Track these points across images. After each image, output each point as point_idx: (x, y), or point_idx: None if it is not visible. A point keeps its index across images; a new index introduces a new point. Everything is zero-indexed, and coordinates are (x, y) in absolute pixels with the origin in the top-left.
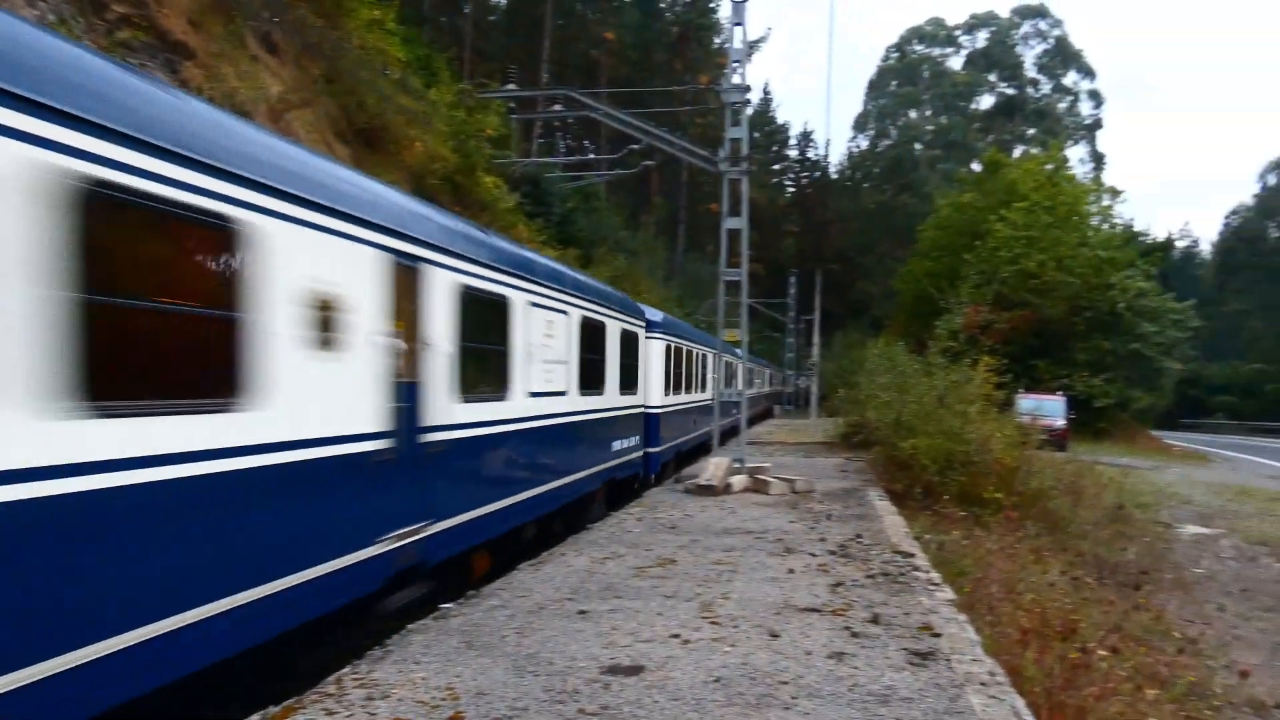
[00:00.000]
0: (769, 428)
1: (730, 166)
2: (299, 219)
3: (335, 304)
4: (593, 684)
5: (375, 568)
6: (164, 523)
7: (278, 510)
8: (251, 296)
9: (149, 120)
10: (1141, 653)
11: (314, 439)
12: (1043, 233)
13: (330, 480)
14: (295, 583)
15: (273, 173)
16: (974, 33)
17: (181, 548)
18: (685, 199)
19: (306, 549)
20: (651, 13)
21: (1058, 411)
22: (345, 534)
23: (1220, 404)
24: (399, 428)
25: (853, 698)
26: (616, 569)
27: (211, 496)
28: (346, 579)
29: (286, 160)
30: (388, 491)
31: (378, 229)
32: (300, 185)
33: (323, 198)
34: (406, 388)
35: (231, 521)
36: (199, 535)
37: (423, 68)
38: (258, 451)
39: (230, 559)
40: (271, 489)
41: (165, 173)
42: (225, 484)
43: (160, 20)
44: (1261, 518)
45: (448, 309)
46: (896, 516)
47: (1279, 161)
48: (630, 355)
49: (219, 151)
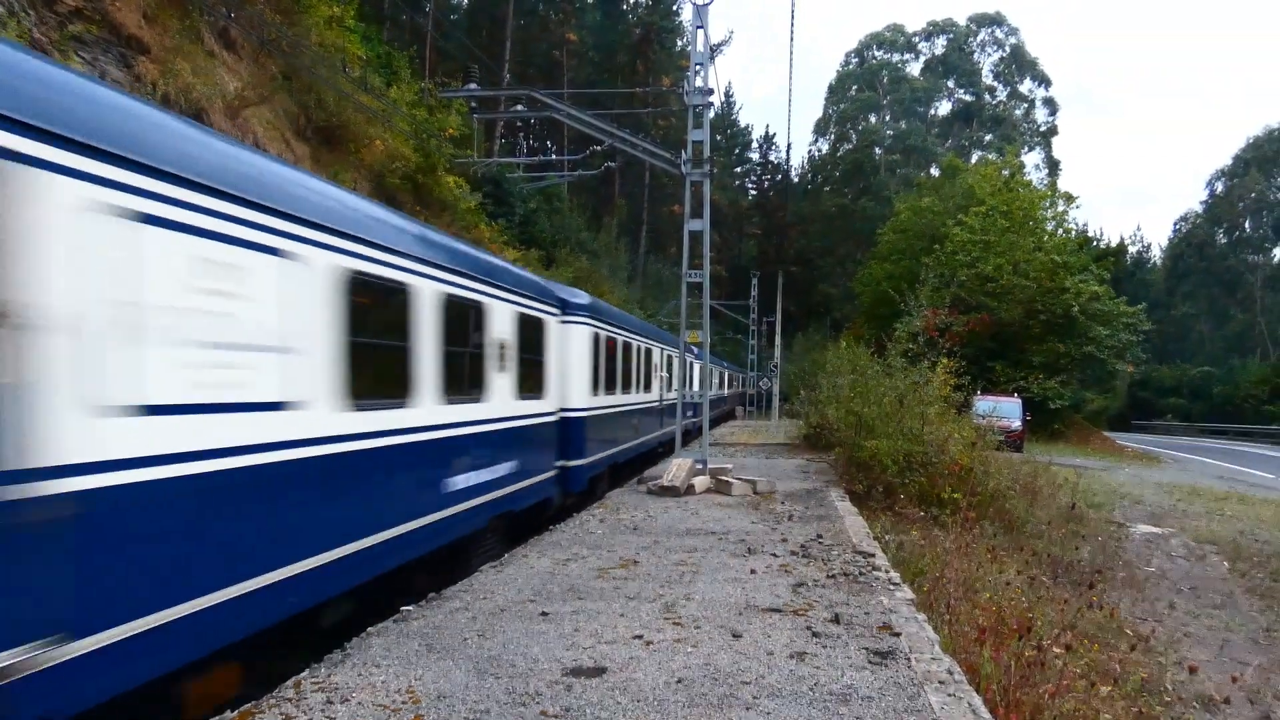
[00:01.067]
0: (731, 429)
1: (692, 169)
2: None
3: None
4: (555, 686)
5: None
6: (388, 467)
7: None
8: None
9: (389, 235)
10: (1095, 650)
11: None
12: (999, 237)
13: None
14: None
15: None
16: (932, 39)
17: (400, 480)
18: (647, 200)
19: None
20: (613, 14)
21: (1014, 413)
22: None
23: (1170, 405)
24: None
25: (814, 697)
26: (579, 570)
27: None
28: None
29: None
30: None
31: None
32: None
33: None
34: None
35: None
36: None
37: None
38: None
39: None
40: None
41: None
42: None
43: (113, 14)
44: (1210, 517)
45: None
46: (857, 517)
47: (1227, 169)
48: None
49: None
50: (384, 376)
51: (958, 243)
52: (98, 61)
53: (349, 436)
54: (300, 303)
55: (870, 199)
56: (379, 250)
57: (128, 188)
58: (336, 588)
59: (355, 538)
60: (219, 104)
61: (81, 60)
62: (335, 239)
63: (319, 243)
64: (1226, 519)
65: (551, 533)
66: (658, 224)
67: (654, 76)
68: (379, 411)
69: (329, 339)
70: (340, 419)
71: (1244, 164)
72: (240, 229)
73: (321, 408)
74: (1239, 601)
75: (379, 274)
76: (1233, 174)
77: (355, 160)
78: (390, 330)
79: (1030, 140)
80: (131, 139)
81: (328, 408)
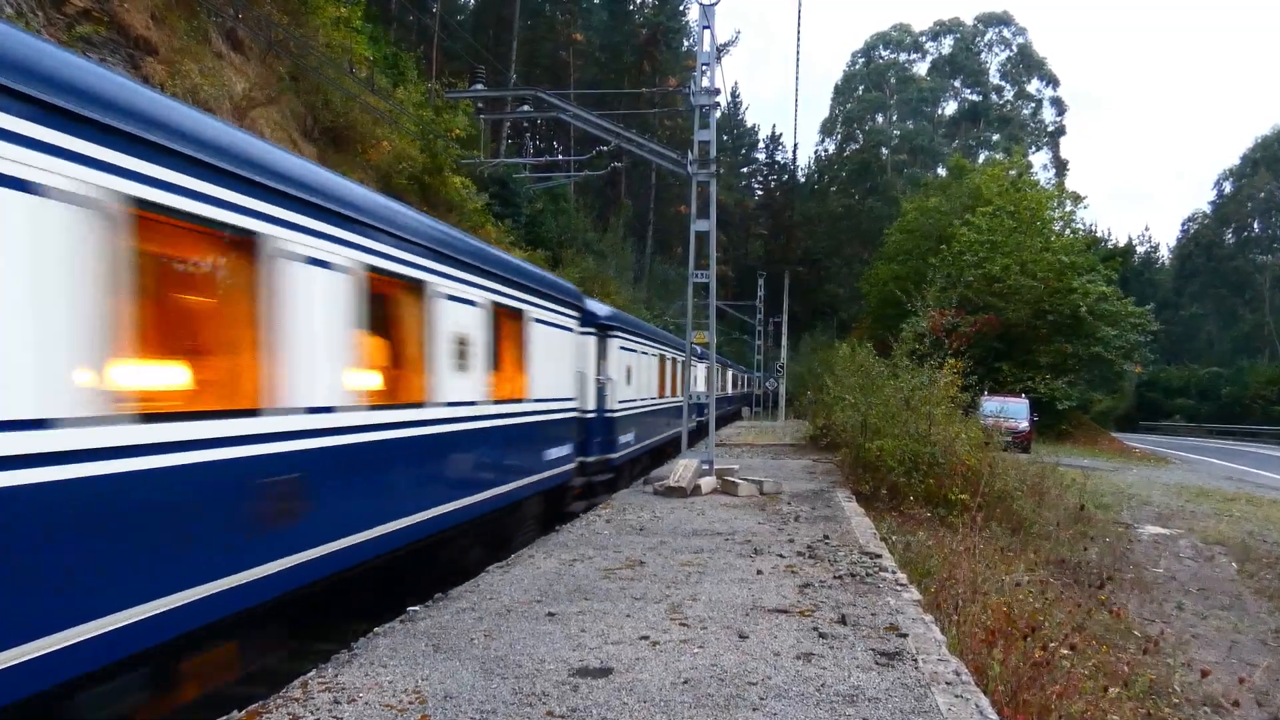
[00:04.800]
0: (737, 429)
1: (698, 169)
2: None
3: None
4: (561, 686)
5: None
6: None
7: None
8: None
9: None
10: (1103, 651)
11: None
12: (1006, 237)
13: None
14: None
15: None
16: (939, 39)
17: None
18: (653, 201)
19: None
20: (619, 15)
21: (1021, 414)
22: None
23: (1178, 406)
24: None
25: (820, 698)
26: (585, 571)
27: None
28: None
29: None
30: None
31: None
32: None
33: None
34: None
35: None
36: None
37: (390, 67)
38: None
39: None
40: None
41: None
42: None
43: (122, 15)
44: (1218, 518)
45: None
46: (863, 518)
47: (1235, 169)
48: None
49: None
50: (511, 383)
51: (964, 243)
52: (106, 62)
53: (497, 415)
54: (480, 333)
55: (877, 199)
56: (545, 310)
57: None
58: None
59: (503, 482)
60: (227, 105)
61: (90, 61)
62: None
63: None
64: (1235, 520)
65: (558, 533)
66: (664, 224)
67: (660, 77)
68: (507, 404)
69: (491, 360)
70: (491, 408)
71: (1252, 164)
72: (406, 270)
73: (483, 402)
74: (1248, 603)
75: (546, 319)
76: (1241, 174)
77: (362, 161)
78: (515, 347)
79: (1038, 140)
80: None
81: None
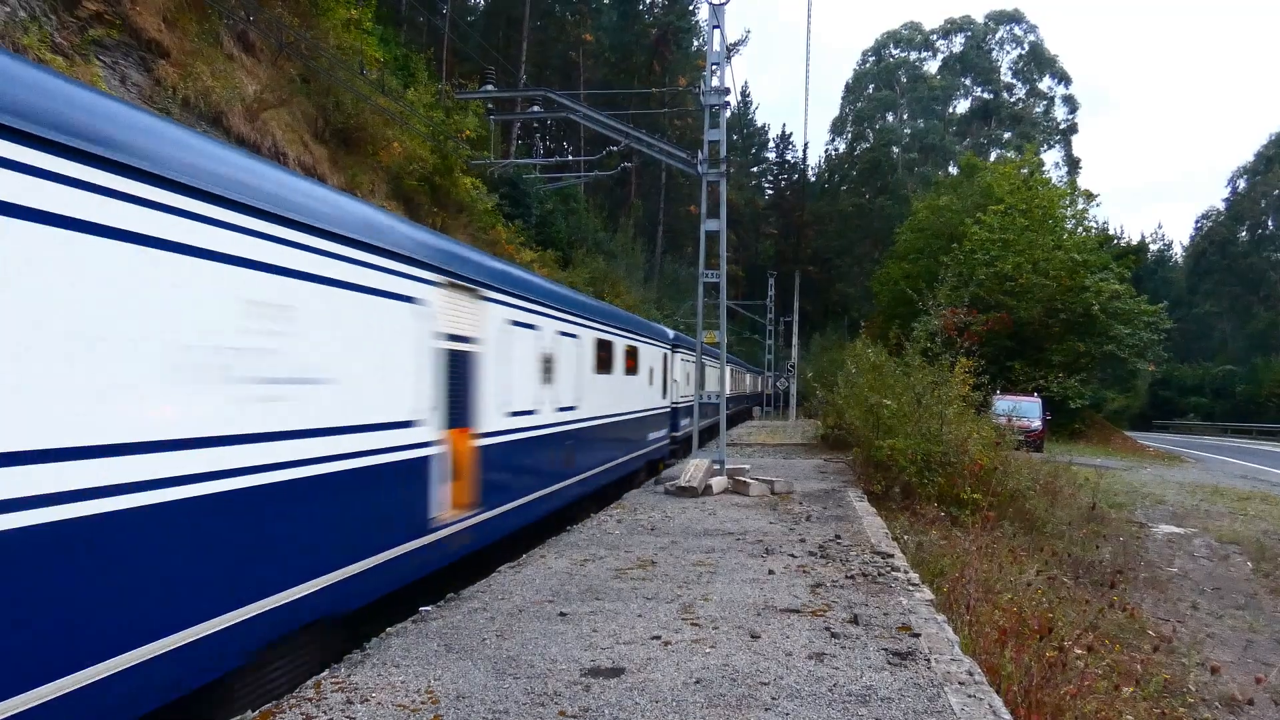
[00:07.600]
0: (749, 429)
1: (709, 169)
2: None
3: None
4: (573, 686)
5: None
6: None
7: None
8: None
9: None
10: (1117, 651)
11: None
12: (1018, 236)
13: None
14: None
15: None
16: (950, 37)
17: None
18: (664, 201)
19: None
20: (629, 15)
21: (1034, 413)
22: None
23: (1192, 404)
24: None
25: (833, 698)
26: (597, 571)
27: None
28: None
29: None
30: None
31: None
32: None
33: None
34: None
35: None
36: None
37: (400, 68)
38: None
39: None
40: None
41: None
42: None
43: (134, 18)
44: (1233, 517)
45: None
46: (875, 517)
47: (1248, 166)
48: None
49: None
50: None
51: (976, 241)
52: (118, 65)
53: (603, 416)
54: (584, 359)
55: (888, 198)
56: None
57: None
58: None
59: (613, 459)
60: (238, 107)
61: (102, 64)
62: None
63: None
64: (1250, 519)
65: (569, 533)
66: (674, 224)
67: (670, 77)
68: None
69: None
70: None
71: (1266, 161)
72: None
73: (586, 409)
74: (1263, 602)
75: (637, 347)
76: (1255, 171)
77: (373, 162)
78: (609, 366)
79: (1050, 138)
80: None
81: (591, 410)
